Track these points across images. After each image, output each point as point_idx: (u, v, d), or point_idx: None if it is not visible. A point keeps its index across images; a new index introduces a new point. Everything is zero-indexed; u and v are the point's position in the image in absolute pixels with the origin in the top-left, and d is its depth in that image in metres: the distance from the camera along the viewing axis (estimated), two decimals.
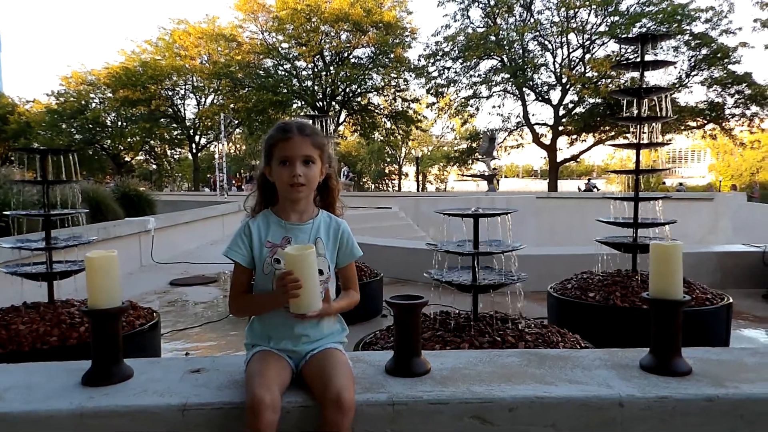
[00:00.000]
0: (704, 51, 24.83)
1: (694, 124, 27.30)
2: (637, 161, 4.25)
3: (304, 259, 1.52)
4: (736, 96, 25.79)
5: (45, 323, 3.19)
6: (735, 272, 5.72)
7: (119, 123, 36.54)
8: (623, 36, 4.49)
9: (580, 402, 1.48)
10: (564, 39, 27.85)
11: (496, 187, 24.06)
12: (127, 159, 39.98)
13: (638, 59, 4.20)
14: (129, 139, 36.47)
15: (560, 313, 4.09)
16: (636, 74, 4.35)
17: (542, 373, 1.64)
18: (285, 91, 30.90)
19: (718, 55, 24.53)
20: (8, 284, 3.56)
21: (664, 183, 26.78)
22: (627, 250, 4.26)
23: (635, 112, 4.22)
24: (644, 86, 4.15)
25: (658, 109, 4.37)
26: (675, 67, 23.77)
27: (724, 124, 27.09)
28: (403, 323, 1.66)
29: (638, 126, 4.26)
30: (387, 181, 50.05)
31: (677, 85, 25.06)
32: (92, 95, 36.07)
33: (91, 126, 35.62)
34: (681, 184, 32.32)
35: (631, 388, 1.52)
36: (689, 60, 25.50)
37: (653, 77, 4.33)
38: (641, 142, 4.23)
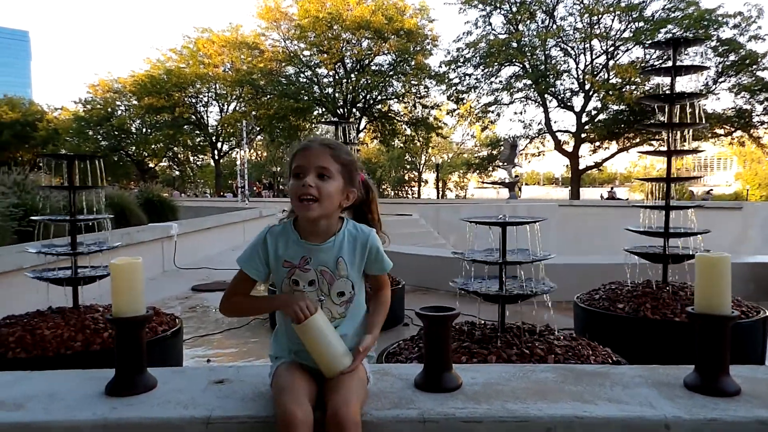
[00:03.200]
0: (732, 57, 24.34)
1: (721, 131, 26.75)
2: (668, 168, 4.13)
3: (309, 327, 1.47)
4: (766, 103, 25.21)
5: (69, 328, 3.19)
6: None
7: (144, 130, 37.25)
8: (653, 41, 4.39)
9: (622, 423, 1.40)
10: (587, 45, 27.58)
11: (517, 195, 23.83)
12: (151, 165, 40.66)
13: (663, 65, 4.09)
14: (153, 146, 37.13)
15: (587, 325, 3.97)
16: (662, 80, 4.25)
17: (580, 390, 1.56)
18: (306, 98, 31.13)
19: (747, 62, 24.03)
20: (34, 289, 3.58)
21: (691, 191, 26.19)
22: (658, 261, 4.13)
23: (662, 118, 4.12)
24: (676, 92, 4.04)
25: (688, 115, 4.25)
26: (701, 74, 23.33)
27: (752, 131, 26.49)
28: (434, 335, 1.60)
29: (669, 132, 4.15)
30: (406, 188, 49.98)
31: (704, 92, 24.58)
32: (118, 103, 36.84)
33: (116, 133, 36.35)
34: (708, 192, 31.60)
35: (676, 408, 1.43)
36: (716, 66, 25.01)
37: (679, 84, 4.22)
38: (672, 148, 4.11)
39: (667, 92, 4.06)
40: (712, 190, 33.89)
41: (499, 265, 2.89)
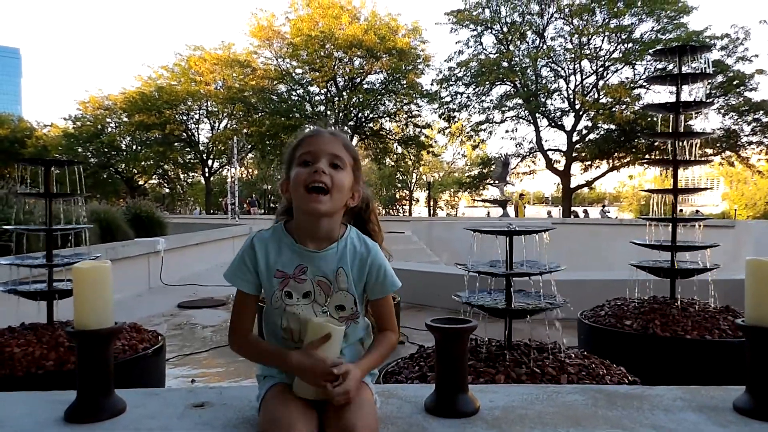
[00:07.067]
0: (720, 78, 24.62)
1: (710, 151, 26.96)
2: (675, 179, 4.00)
3: (328, 337, 1.27)
4: (753, 124, 25.47)
5: (41, 346, 2.97)
6: None
7: (134, 147, 36.92)
8: (658, 48, 4.34)
9: None
10: (577, 65, 27.82)
11: (521, 211, 23.70)
12: (141, 182, 40.25)
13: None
14: (143, 163, 36.80)
15: (592, 342, 3.79)
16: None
17: (617, 415, 1.36)
18: (298, 115, 31.05)
19: (735, 83, 24.30)
20: (6, 304, 3.34)
21: (681, 210, 26.25)
22: (666, 275, 3.97)
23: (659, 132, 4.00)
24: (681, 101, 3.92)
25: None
26: (690, 95, 23.52)
27: (740, 151, 26.72)
28: (447, 352, 1.39)
29: (675, 142, 4.02)
30: (398, 206, 49.92)
31: (710, 101, 24.84)
32: (108, 119, 36.54)
33: (106, 150, 35.97)
34: (697, 212, 31.75)
35: None
36: (704, 87, 25.25)
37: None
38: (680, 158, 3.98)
39: (674, 102, 3.95)
40: (699, 210, 34.03)
41: (506, 277, 2.70)
